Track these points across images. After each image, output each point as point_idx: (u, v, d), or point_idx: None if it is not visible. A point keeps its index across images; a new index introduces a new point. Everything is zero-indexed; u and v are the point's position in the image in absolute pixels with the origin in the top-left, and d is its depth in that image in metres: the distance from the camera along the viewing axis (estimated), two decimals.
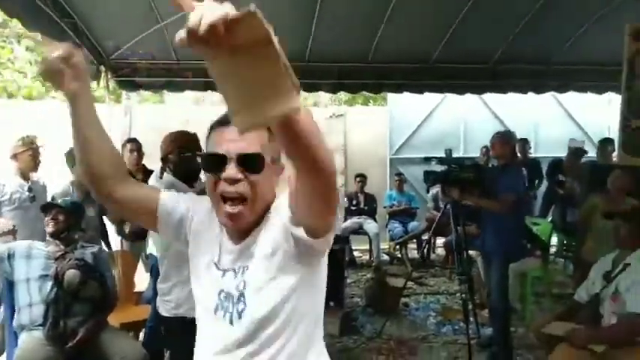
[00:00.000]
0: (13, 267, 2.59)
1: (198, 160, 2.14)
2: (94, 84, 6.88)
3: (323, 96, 12.07)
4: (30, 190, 3.71)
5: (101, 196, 1.09)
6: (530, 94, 6.58)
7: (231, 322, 1.05)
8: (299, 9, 5.21)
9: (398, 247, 6.38)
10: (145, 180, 3.97)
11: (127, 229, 3.98)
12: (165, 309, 2.15)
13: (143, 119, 7.66)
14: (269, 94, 0.70)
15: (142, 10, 4.90)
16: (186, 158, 2.18)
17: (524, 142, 6.30)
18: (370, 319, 4.43)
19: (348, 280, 5.27)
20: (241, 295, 1.04)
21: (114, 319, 3.05)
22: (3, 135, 5.00)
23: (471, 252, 4.71)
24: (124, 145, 4.28)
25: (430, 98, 7.02)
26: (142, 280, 3.87)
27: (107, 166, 1.06)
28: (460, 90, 6.56)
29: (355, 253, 6.61)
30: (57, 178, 4.21)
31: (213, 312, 1.08)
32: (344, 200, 6.55)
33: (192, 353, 2.08)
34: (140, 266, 4.13)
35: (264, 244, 1.04)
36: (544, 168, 6.31)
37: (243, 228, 1.06)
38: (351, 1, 5.12)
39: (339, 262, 4.46)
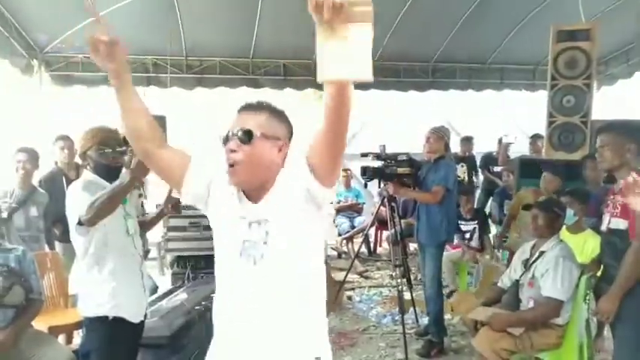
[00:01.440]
0: None
1: (117, 156, 2.14)
2: (26, 78, 6.57)
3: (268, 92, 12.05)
4: None
5: (142, 152, 1.36)
6: (470, 92, 6.87)
7: (254, 263, 1.30)
8: (242, 4, 5.20)
9: (345, 242, 6.47)
10: (78, 178, 3.86)
11: (57, 232, 3.84)
12: (86, 309, 2.10)
13: (82, 116, 7.38)
14: (352, 62, 0.99)
15: (77, 1, 4.73)
16: (106, 154, 2.12)
17: (469, 139, 6.54)
18: None
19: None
20: (264, 241, 1.30)
21: (42, 323, 2.94)
22: None
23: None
24: (54, 142, 4.10)
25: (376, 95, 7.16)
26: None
27: (147, 130, 1.33)
28: (404, 87, 6.75)
29: None
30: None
31: (239, 255, 1.31)
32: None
33: (116, 351, 2.05)
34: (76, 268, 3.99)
35: (279, 201, 1.32)
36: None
37: (251, 188, 1.34)
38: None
39: None
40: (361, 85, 4.48)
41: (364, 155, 3.75)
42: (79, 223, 1.93)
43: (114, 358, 2.11)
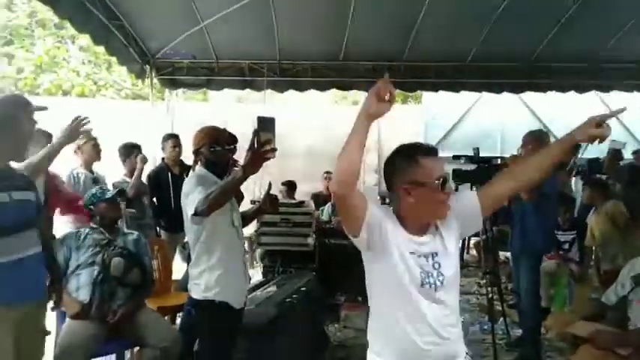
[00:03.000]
0: (66, 254, 2.80)
1: (226, 154, 2.34)
2: (139, 82, 7.21)
3: (356, 94, 12.14)
4: (94, 181, 3.89)
5: (347, 187, 1.39)
6: (572, 93, 6.41)
7: (435, 289, 1.49)
8: (333, 10, 5.31)
9: None
10: (182, 173, 4.21)
11: (162, 221, 4.21)
12: (195, 292, 2.30)
13: (186, 116, 7.99)
14: None
15: (184, 11, 5.14)
16: (216, 152, 2.32)
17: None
18: None
19: None
20: (439, 272, 1.50)
21: (152, 304, 3.24)
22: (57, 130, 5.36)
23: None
24: (165, 140, 4.49)
25: (466, 97, 6.95)
26: (178, 269, 4.08)
27: (359, 169, 1.38)
28: (497, 88, 6.48)
29: None
30: (109, 170, 4.49)
31: (420, 285, 1.49)
32: (377, 198, 6.60)
33: (218, 332, 2.23)
34: (177, 257, 4.36)
35: (443, 234, 1.56)
36: None
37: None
38: (386, 1, 5.15)
39: None
40: (450, 86, 4.41)
41: (456, 158, 3.68)
42: (195, 213, 2.12)
43: (217, 338, 2.30)
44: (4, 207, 2.11)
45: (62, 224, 3.68)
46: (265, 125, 2.10)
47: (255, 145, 1.98)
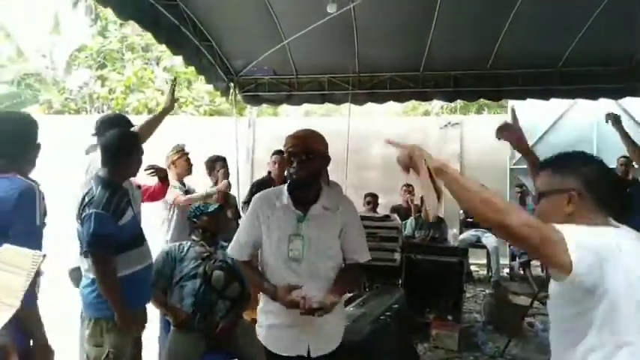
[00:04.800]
0: (171, 265, 2.92)
1: None
2: (216, 99, 7.47)
3: (434, 104, 11.86)
4: (186, 193, 4.06)
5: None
6: None
7: None
8: (415, 20, 5.22)
9: (521, 265, 5.99)
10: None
11: None
12: None
13: (261, 130, 8.23)
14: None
15: (267, 30, 5.29)
16: None
17: None
18: (491, 337, 4.23)
19: (466, 295, 5.09)
20: None
21: (246, 316, 3.30)
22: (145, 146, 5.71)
23: None
24: (271, 156, 4.55)
25: (557, 104, 6.54)
26: None
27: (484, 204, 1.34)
28: (592, 94, 6.03)
29: (472, 267, 6.36)
30: (195, 184, 4.68)
31: None
32: (460, 212, 6.36)
33: None
34: None
35: None
36: None
37: None
38: (471, 6, 4.98)
39: (458, 275, 4.35)
40: (539, 93, 4.13)
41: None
42: None
43: None
44: (132, 221, 2.31)
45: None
46: None
47: None
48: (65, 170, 2.11)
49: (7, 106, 11.08)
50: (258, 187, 4.39)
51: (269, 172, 4.52)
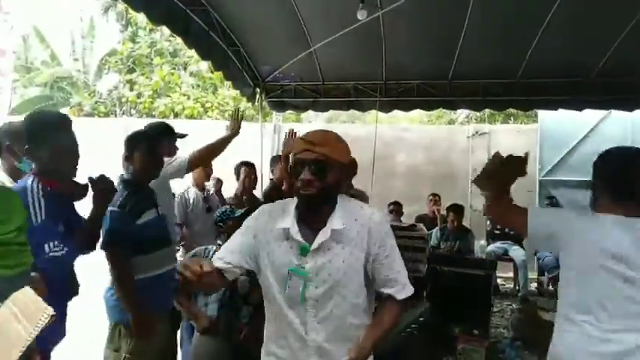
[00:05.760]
0: None
1: None
2: (249, 104, 7.55)
3: (459, 112, 11.72)
4: (205, 200, 4.07)
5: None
6: None
7: None
8: (445, 28, 5.15)
9: (550, 280, 5.80)
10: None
11: None
12: None
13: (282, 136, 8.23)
14: None
15: (295, 36, 5.30)
16: None
17: None
18: (520, 354, 4.09)
19: (493, 309, 4.95)
20: None
21: None
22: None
23: None
24: (275, 161, 4.54)
25: (589, 115, 6.35)
26: None
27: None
28: (628, 105, 5.84)
29: (498, 281, 6.20)
30: (224, 188, 4.69)
31: None
32: (487, 223, 6.22)
33: None
34: None
35: None
36: None
37: None
38: (501, 15, 4.88)
39: (486, 288, 4.23)
40: (574, 103, 4.02)
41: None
42: None
43: None
44: (154, 222, 2.29)
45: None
46: None
47: None
48: (95, 172, 2.11)
49: (40, 108, 11.41)
50: (267, 197, 4.27)
51: (271, 180, 4.41)
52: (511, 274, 6.27)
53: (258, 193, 4.44)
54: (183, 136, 3.39)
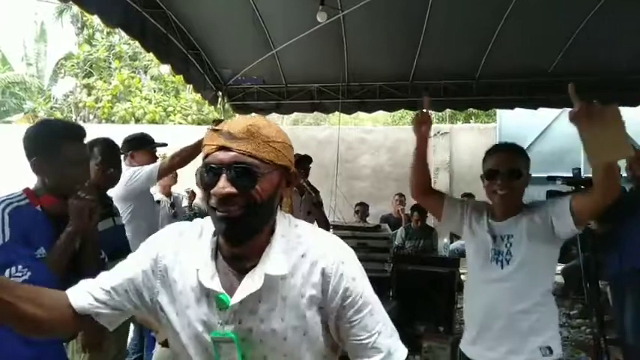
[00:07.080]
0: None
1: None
2: (203, 108, 7.41)
3: (409, 114, 11.93)
4: (172, 205, 3.99)
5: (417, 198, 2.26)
6: None
7: (502, 267, 1.90)
8: (405, 30, 5.22)
9: None
10: None
11: None
12: None
13: None
14: (615, 147, 1.40)
15: (256, 39, 5.25)
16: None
17: None
18: None
19: (457, 306, 5.04)
20: (508, 251, 1.89)
21: None
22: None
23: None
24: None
25: (545, 113, 6.58)
26: None
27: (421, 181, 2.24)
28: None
29: (462, 277, 6.32)
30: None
31: (489, 262, 1.94)
32: None
33: None
34: None
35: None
36: None
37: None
38: (460, 18, 5.00)
39: (449, 286, 4.31)
40: (529, 102, 4.17)
41: (550, 179, 3.43)
42: None
43: None
44: (111, 231, 2.22)
45: None
46: None
47: None
48: None
49: None
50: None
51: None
52: None
53: None
54: (162, 145, 3.33)
